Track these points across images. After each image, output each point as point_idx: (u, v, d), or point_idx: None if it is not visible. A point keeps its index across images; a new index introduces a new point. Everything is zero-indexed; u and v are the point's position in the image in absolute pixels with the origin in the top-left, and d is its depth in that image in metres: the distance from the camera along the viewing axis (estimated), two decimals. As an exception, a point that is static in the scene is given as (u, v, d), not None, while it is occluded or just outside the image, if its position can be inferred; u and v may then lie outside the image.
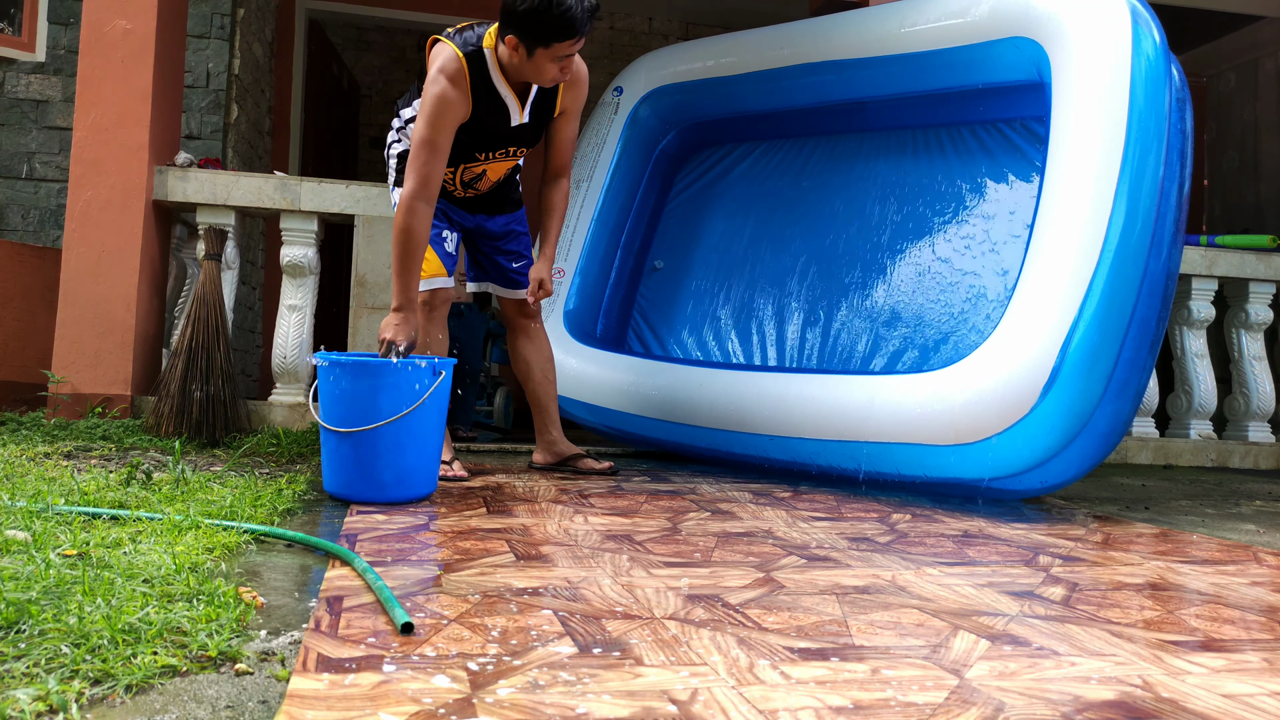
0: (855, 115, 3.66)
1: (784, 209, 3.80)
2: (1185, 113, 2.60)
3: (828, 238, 3.65)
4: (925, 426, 2.57)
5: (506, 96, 2.59)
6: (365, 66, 7.78)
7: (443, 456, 2.66)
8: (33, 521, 1.69)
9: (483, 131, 2.62)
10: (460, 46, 2.51)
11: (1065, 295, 2.41)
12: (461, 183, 2.77)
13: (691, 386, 3.15)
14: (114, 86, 3.49)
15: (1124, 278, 2.39)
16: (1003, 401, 2.44)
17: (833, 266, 3.61)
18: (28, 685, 0.97)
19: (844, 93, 3.55)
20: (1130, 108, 2.47)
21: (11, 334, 3.74)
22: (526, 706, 0.98)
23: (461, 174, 2.74)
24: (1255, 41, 6.21)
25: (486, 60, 2.54)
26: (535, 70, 2.50)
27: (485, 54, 2.54)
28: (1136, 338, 2.45)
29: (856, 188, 3.66)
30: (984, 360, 2.51)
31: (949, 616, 1.41)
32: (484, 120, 2.60)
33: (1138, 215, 2.42)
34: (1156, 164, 2.45)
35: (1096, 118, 2.50)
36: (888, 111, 3.57)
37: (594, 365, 3.39)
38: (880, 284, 3.48)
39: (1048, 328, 2.41)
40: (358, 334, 3.68)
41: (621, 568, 1.65)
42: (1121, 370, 2.44)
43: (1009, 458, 2.48)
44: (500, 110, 2.60)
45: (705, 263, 3.91)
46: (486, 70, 2.54)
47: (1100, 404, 2.42)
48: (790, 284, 3.68)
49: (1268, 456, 4.19)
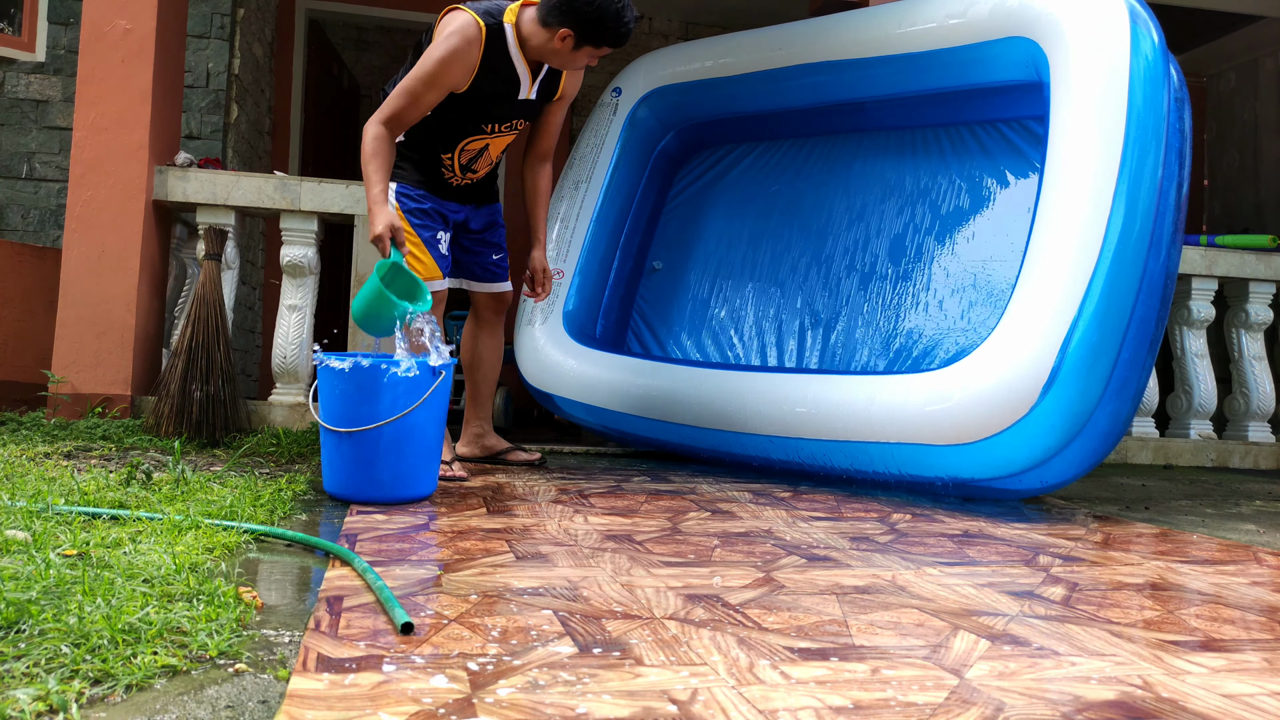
0: (854, 115, 3.66)
1: (783, 209, 3.80)
2: (1184, 113, 2.60)
3: (827, 238, 3.66)
4: (925, 426, 2.57)
5: (520, 69, 2.68)
6: (365, 66, 7.78)
7: (443, 456, 2.66)
8: (33, 521, 1.69)
9: (490, 101, 2.69)
10: (482, 16, 2.60)
11: (1064, 295, 2.41)
12: (460, 166, 2.81)
13: (690, 387, 3.15)
14: (114, 86, 3.49)
15: (1123, 277, 2.39)
16: (1002, 401, 2.44)
17: (832, 267, 3.61)
18: (28, 685, 0.97)
19: (843, 93, 3.55)
20: (1129, 108, 2.47)
21: (11, 334, 3.74)
22: (526, 706, 0.98)
23: (460, 155, 2.78)
24: (1255, 41, 6.21)
25: (506, 34, 2.63)
26: (571, 59, 2.63)
27: (506, 28, 2.63)
28: (1136, 337, 2.45)
29: (856, 188, 3.66)
30: (983, 360, 2.51)
31: (949, 616, 1.41)
32: (492, 89, 2.67)
33: (1137, 215, 2.42)
34: (1155, 164, 2.45)
35: (1095, 118, 2.50)
36: (887, 112, 3.57)
37: (592, 366, 3.39)
38: (880, 284, 3.48)
39: (1047, 327, 2.41)
40: (358, 334, 3.68)
41: (621, 567, 1.65)
42: (1121, 370, 2.44)
43: (1009, 457, 2.48)
44: (512, 81, 2.69)
45: (704, 263, 3.90)
46: (505, 43, 2.63)
47: (1100, 404, 2.42)
48: (790, 284, 3.68)
49: (1268, 456, 4.19)
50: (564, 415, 3.50)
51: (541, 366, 3.43)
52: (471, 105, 2.68)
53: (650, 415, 3.25)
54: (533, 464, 3.06)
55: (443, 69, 2.55)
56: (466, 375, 3.09)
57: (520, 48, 2.64)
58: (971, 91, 3.27)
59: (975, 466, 2.54)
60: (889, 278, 3.45)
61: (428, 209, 2.76)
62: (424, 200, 2.75)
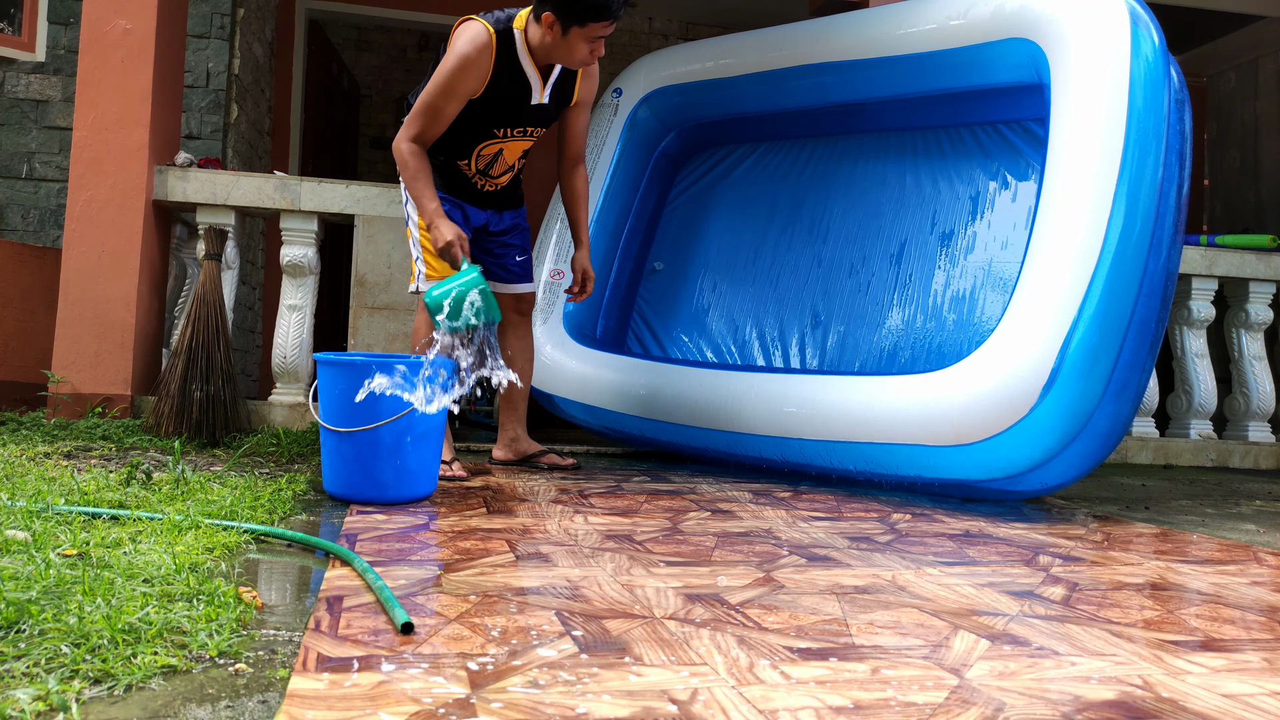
0: (855, 116, 3.66)
1: (784, 210, 3.80)
2: (1184, 114, 2.60)
3: (828, 239, 3.65)
4: (925, 427, 2.57)
5: (530, 74, 2.70)
6: (365, 66, 7.78)
7: (443, 456, 2.66)
8: (33, 521, 1.69)
9: (503, 105, 2.71)
10: (491, 24, 2.63)
11: (1064, 296, 2.40)
12: (478, 170, 2.83)
13: (689, 388, 3.15)
14: (114, 86, 3.49)
15: (1123, 279, 2.39)
16: (1002, 403, 2.44)
17: (833, 268, 3.60)
18: (28, 685, 0.97)
19: (844, 94, 3.55)
20: (1129, 109, 2.47)
21: (11, 334, 3.74)
22: (527, 706, 0.98)
23: (476, 160, 2.80)
24: (1255, 41, 6.21)
25: (515, 39, 2.66)
26: (567, 50, 2.62)
27: (515, 34, 2.66)
28: (1136, 338, 2.45)
29: (857, 189, 3.66)
30: (983, 361, 2.51)
31: (949, 616, 1.41)
32: (505, 93, 2.69)
33: (1137, 216, 2.42)
34: (1156, 165, 2.45)
35: (1096, 119, 2.50)
36: (888, 113, 3.57)
37: (592, 366, 3.39)
38: (880, 285, 3.48)
39: (1047, 329, 2.41)
40: (358, 334, 3.68)
41: (621, 567, 1.65)
42: (1121, 371, 2.44)
43: (1009, 458, 2.48)
44: (523, 84, 2.71)
45: (705, 264, 3.90)
46: (514, 48, 2.66)
47: (1100, 405, 2.42)
48: (790, 286, 3.68)
49: (1268, 456, 4.19)
50: (564, 415, 3.50)
51: (542, 366, 3.43)
52: (485, 110, 2.70)
53: (650, 416, 3.24)
54: (566, 469, 3.03)
55: (457, 79, 2.59)
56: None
57: (530, 54, 2.67)
58: (973, 93, 3.27)
59: (975, 468, 2.54)
60: (890, 278, 3.45)
61: (447, 211, 2.76)
62: (444, 202, 2.76)
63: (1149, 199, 2.43)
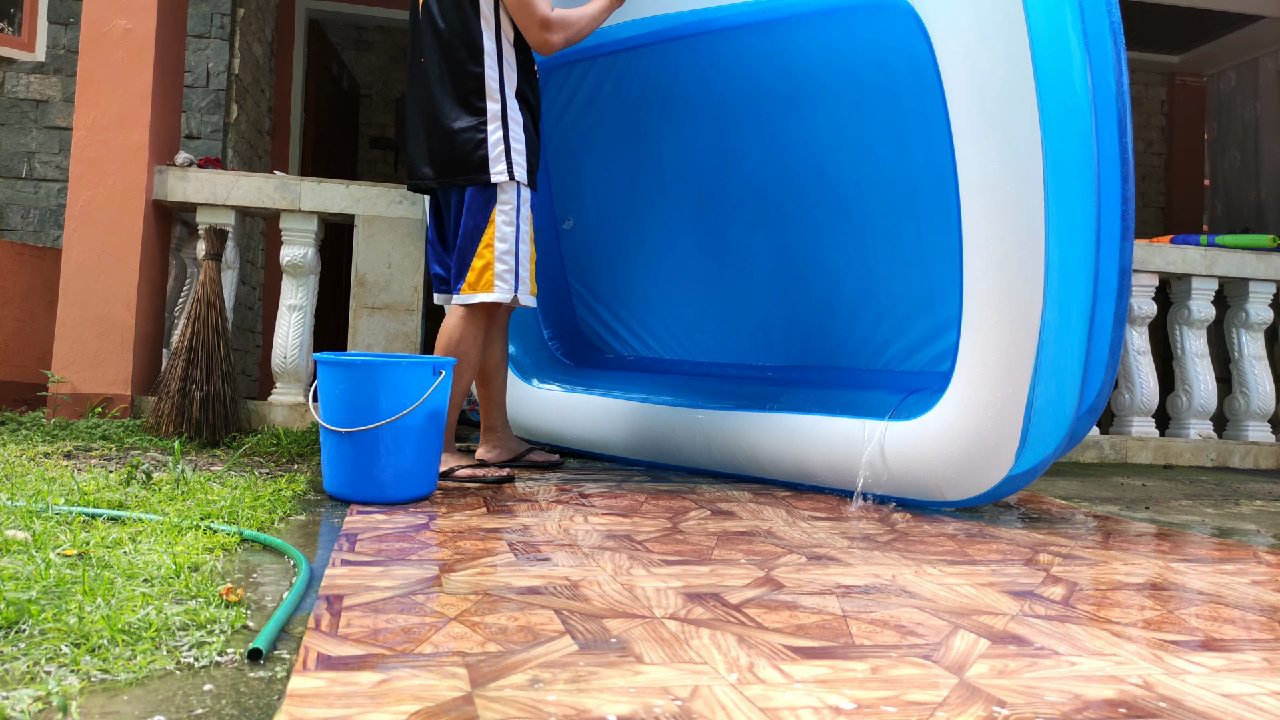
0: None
1: (674, 126, 3.21)
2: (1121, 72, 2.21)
3: (724, 149, 3.12)
4: (895, 481, 2.49)
5: None
6: (365, 66, 7.78)
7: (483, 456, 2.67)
8: (33, 521, 1.69)
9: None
10: None
11: (1017, 357, 2.21)
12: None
13: (637, 423, 3.08)
14: (114, 86, 3.49)
15: (1071, 323, 2.19)
16: (980, 467, 2.33)
17: (743, 188, 3.10)
18: (28, 685, 0.97)
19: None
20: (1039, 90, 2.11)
21: (11, 334, 3.74)
22: (527, 705, 0.98)
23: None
24: (1255, 41, 6.22)
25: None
26: None
27: None
28: (1095, 368, 2.29)
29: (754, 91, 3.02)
30: (949, 421, 2.35)
31: (949, 616, 1.41)
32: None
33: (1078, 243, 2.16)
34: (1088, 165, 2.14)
35: (1000, 115, 2.16)
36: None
37: (525, 406, 3.34)
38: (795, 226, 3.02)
39: (1008, 392, 2.24)
40: (358, 334, 3.68)
41: (622, 567, 1.65)
42: (1089, 400, 2.30)
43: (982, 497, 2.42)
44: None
45: (606, 211, 3.44)
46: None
47: (1069, 437, 2.33)
48: (704, 228, 3.24)
49: (1268, 456, 4.19)
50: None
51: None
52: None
53: (603, 451, 3.24)
54: (552, 465, 3.05)
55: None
56: (479, 383, 2.98)
57: None
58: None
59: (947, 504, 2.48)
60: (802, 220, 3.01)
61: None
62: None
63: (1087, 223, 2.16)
